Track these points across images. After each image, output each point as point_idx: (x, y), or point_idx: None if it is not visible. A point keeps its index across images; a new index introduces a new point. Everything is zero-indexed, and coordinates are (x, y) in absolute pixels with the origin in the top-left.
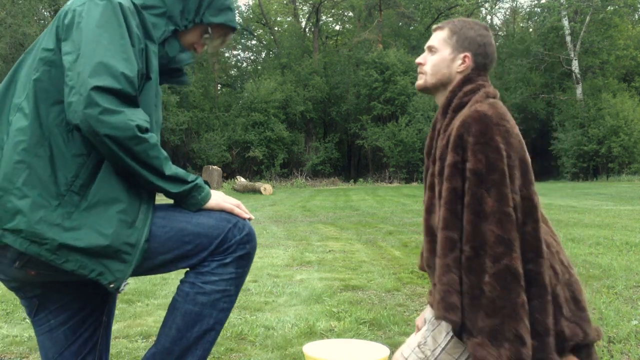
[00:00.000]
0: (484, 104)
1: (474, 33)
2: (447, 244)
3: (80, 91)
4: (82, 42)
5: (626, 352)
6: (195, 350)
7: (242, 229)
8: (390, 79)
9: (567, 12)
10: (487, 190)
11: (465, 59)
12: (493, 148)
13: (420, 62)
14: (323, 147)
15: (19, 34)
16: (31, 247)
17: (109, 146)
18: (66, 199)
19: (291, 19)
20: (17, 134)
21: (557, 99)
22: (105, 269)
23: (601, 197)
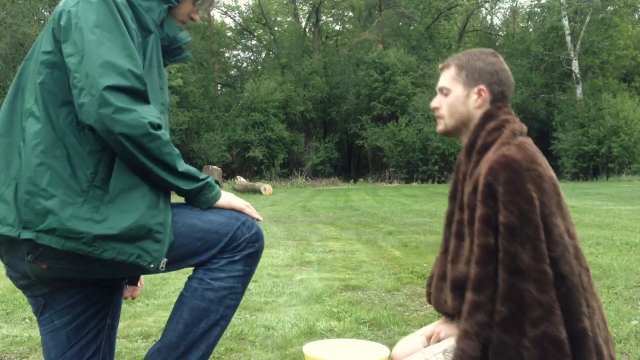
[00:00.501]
0: (512, 147)
1: (483, 63)
2: (471, 307)
3: (92, 92)
4: (84, 43)
5: (626, 352)
6: (200, 345)
7: (251, 228)
8: (390, 79)
9: (567, 12)
10: (521, 246)
11: (480, 92)
12: (525, 198)
13: (436, 107)
14: (323, 147)
15: (19, 34)
16: (68, 244)
17: (123, 144)
18: (90, 194)
19: (291, 19)
20: (33, 138)
21: (557, 99)
22: (142, 251)
23: (601, 197)
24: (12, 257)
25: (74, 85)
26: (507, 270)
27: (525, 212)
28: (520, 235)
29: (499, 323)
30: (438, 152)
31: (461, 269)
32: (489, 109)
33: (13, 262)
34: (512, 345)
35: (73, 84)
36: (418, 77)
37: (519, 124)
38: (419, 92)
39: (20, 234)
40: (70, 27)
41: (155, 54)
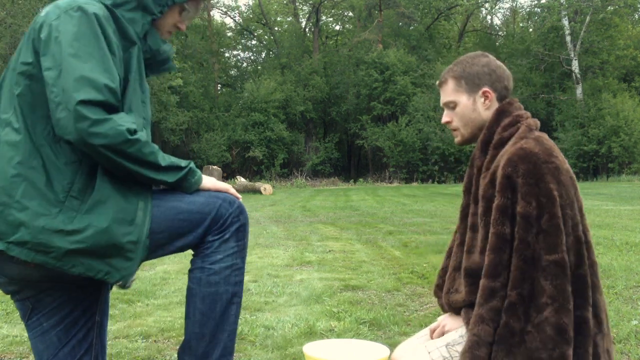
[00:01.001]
0: (530, 140)
1: (477, 66)
2: (486, 292)
3: (68, 107)
4: (62, 57)
5: (626, 352)
6: (224, 326)
7: (233, 203)
8: (390, 79)
9: (567, 12)
10: (537, 236)
11: (486, 94)
12: (544, 190)
13: (448, 121)
14: (323, 147)
15: (19, 34)
16: (38, 257)
17: (105, 154)
18: (67, 204)
19: (291, 19)
20: (10, 149)
21: (557, 99)
22: (111, 268)
23: (601, 197)
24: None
25: (51, 100)
26: (521, 258)
27: (544, 203)
28: (538, 226)
29: (507, 307)
30: (438, 152)
31: (475, 258)
32: (500, 106)
33: (1, 268)
34: (516, 330)
35: (50, 99)
36: (418, 77)
37: (533, 119)
38: (419, 92)
39: None
40: (50, 41)
41: (137, 66)
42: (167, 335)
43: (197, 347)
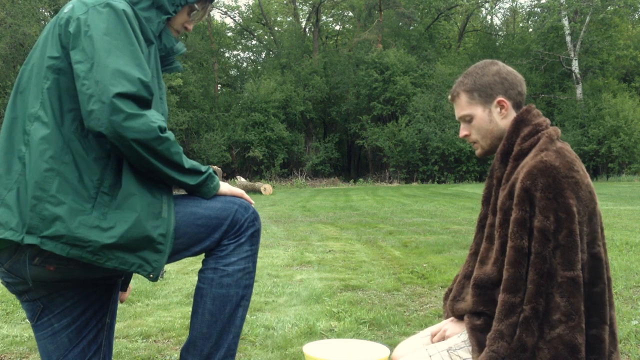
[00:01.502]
0: (550, 152)
1: (488, 76)
2: (505, 308)
3: (102, 99)
4: (95, 51)
5: (626, 352)
6: (230, 328)
7: (248, 208)
8: (390, 79)
9: (567, 12)
10: (553, 251)
11: (501, 104)
12: (562, 205)
13: (466, 134)
14: (323, 147)
15: (19, 34)
16: (73, 251)
17: (135, 149)
18: (98, 200)
19: (291, 19)
20: (41, 143)
21: (557, 99)
22: (143, 261)
23: (601, 197)
24: (16, 262)
25: (82, 92)
26: (537, 273)
27: (562, 219)
28: (554, 240)
29: (521, 322)
30: (438, 152)
31: (487, 269)
32: (519, 115)
33: (16, 268)
34: (528, 345)
35: (81, 91)
36: (418, 77)
37: (553, 127)
38: (419, 92)
39: (23, 238)
40: (80, 35)
41: (155, 64)
42: (167, 335)
43: (202, 347)
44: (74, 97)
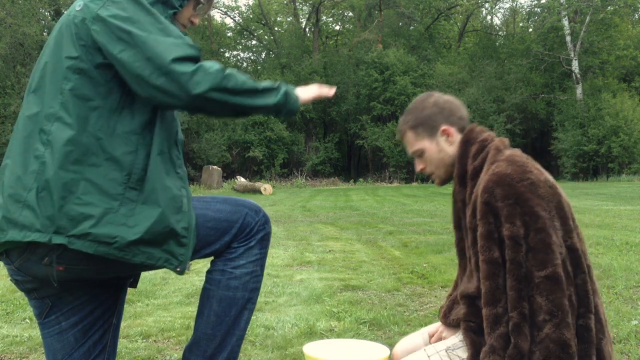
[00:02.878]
0: (501, 162)
1: (428, 109)
2: (490, 321)
3: (162, 71)
4: (132, 37)
5: (626, 352)
6: (234, 330)
7: (258, 212)
8: (390, 79)
9: (567, 12)
10: (526, 255)
11: (445, 132)
12: (525, 208)
13: (422, 168)
14: (323, 147)
15: (18, 34)
16: (100, 248)
17: (213, 99)
18: (126, 196)
19: (291, 19)
20: (67, 144)
21: (557, 99)
22: (170, 255)
23: (601, 197)
24: (26, 260)
25: (138, 75)
26: (516, 279)
27: (527, 222)
28: (525, 244)
29: (512, 329)
30: None
31: (470, 286)
32: (464, 136)
33: (26, 266)
34: (525, 351)
35: (136, 74)
36: (418, 77)
37: (499, 138)
38: (419, 92)
39: (51, 238)
40: (109, 29)
41: None
42: (167, 335)
43: (206, 347)
44: (99, 94)
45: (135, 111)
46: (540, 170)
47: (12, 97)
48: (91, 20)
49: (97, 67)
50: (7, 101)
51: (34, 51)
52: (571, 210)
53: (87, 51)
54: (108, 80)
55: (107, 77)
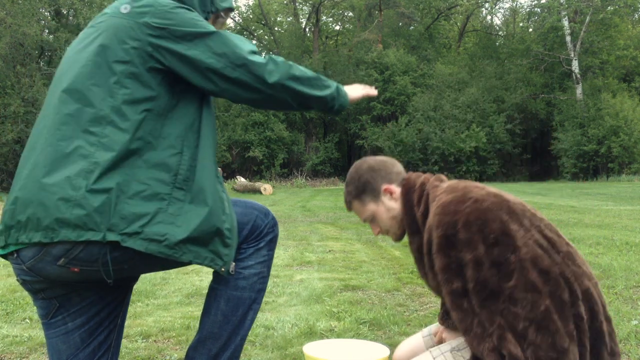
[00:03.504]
0: (441, 196)
1: (364, 175)
2: (474, 342)
3: (237, 62)
4: (201, 34)
5: (626, 352)
6: (239, 330)
7: (268, 214)
8: (390, 79)
9: (567, 12)
10: (490, 271)
11: (387, 191)
12: (477, 228)
13: (378, 231)
14: (323, 147)
15: (18, 34)
16: (151, 246)
17: (286, 87)
18: (173, 195)
19: (291, 19)
20: (119, 147)
21: (557, 99)
22: (215, 255)
23: (601, 197)
24: (40, 261)
25: (211, 69)
26: (482, 297)
27: (484, 239)
28: (486, 262)
29: (498, 342)
30: (438, 152)
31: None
32: (402, 188)
33: (39, 267)
34: (520, 355)
35: (208, 69)
36: (418, 77)
37: (434, 176)
38: (419, 92)
39: (105, 235)
40: (169, 30)
41: None
42: (167, 335)
43: (211, 346)
44: (149, 98)
45: (180, 114)
46: (480, 186)
47: (12, 97)
48: (145, 25)
49: (149, 70)
50: (7, 101)
51: (34, 51)
52: (527, 207)
53: (139, 55)
54: (158, 84)
55: (157, 81)
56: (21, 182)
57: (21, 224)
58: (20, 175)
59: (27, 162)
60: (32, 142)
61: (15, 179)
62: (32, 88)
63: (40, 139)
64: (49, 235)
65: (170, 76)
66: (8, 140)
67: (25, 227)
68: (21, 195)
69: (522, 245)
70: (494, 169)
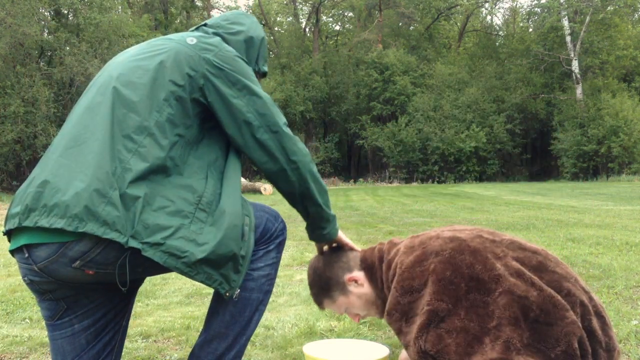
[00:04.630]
0: (401, 260)
1: (325, 272)
2: None
3: (273, 129)
4: (251, 89)
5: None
6: (245, 331)
7: (277, 218)
8: (390, 79)
9: (567, 12)
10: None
11: (351, 280)
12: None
13: (358, 318)
14: (323, 147)
15: (18, 34)
16: (169, 260)
17: (300, 171)
18: (196, 215)
19: (291, 19)
20: (153, 162)
21: (557, 99)
22: (224, 279)
23: (601, 197)
24: (54, 262)
25: (247, 123)
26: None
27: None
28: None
29: None
30: (438, 152)
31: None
32: (364, 269)
33: (52, 268)
34: None
35: (245, 121)
36: (418, 77)
37: (386, 243)
38: (419, 92)
39: (127, 241)
40: (226, 74)
41: None
42: (167, 335)
43: (217, 346)
44: (184, 125)
45: (204, 150)
46: (434, 235)
47: (12, 97)
48: (206, 60)
49: (192, 100)
50: (7, 101)
51: (33, 51)
52: (484, 237)
53: (190, 83)
54: (195, 114)
55: (195, 112)
56: (52, 166)
57: (47, 207)
58: (49, 160)
59: (60, 146)
60: (67, 131)
61: (43, 162)
62: (32, 88)
63: (78, 128)
64: (73, 224)
65: (206, 112)
66: (8, 140)
67: (50, 212)
68: (53, 180)
69: (492, 283)
70: (494, 169)
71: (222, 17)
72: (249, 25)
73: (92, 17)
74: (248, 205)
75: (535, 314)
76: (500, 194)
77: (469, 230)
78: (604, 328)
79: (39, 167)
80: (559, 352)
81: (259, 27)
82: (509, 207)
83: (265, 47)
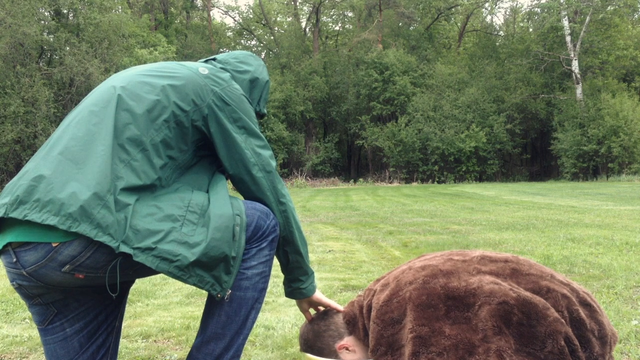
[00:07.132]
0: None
1: (316, 343)
2: None
3: (266, 169)
4: (250, 130)
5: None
6: (242, 330)
7: (269, 215)
8: (390, 79)
9: (567, 12)
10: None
11: (341, 348)
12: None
13: None
14: (323, 147)
15: (18, 34)
16: (161, 265)
17: (287, 214)
18: (187, 218)
19: (291, 19)
20: (143, 176)
21: (557, 99)
22: (215, 280)
23: (601, 197)
24: (43, 267)
25: (242, 158)
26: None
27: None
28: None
29: None
30: (438, 152)
31: None
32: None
33: (41, 273)
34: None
35: (241, 156)
36: (417, 77)
37: (363, 292)
38: (419, 92)
39: (119, 246)
40: (230, 110)
41: None
42: (167, 335)
43: (214, 347)
44: (178, 149)
45: (193, 176)
46: (406, 268)
47: (12, 97)
48: (214, 92)
49: (193, 126)
50: (7, 101)
51: (33, 51)
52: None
53: (194, 110)
54: (191, 142)
55: (194, 138)
56: (51, 163)
57: (40, 202)
58: (48, 156)
59: (59, 144)
60: (68, 131)
61: (39, 158)
62: (32, 88)
63: (81, 129)
64: (67, 223)
65: (204, 140)
66: (8, 140)
67: (43, 207)
68: (49, 176)
69: (469, 297)
70: (494, 169)
71: (232, 54)
72: (255, 66)
73: (92, 17)
74: (239, 204)
75: (518, 317)
76: (500, 194)
77: (439, 256)
78: (592, 315)
79: (33, 161)
80: (547, 352)
81: (265, 70)
82: (509, 207)
83: (268, 90)
